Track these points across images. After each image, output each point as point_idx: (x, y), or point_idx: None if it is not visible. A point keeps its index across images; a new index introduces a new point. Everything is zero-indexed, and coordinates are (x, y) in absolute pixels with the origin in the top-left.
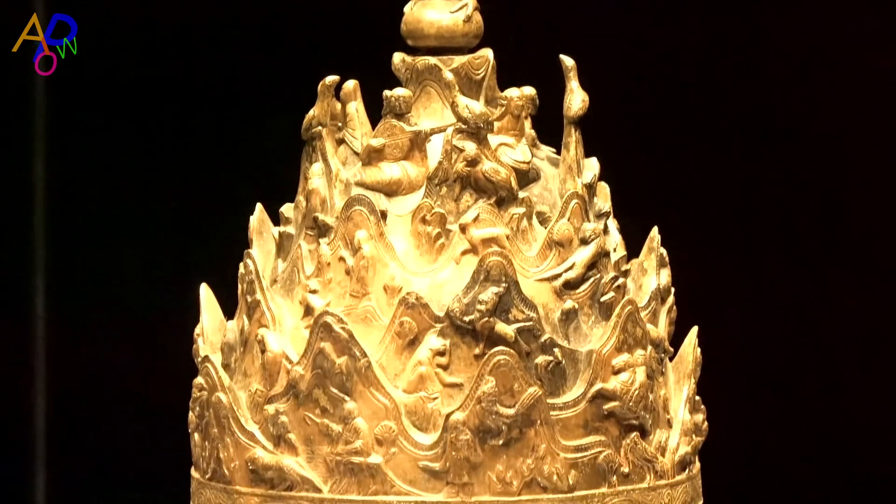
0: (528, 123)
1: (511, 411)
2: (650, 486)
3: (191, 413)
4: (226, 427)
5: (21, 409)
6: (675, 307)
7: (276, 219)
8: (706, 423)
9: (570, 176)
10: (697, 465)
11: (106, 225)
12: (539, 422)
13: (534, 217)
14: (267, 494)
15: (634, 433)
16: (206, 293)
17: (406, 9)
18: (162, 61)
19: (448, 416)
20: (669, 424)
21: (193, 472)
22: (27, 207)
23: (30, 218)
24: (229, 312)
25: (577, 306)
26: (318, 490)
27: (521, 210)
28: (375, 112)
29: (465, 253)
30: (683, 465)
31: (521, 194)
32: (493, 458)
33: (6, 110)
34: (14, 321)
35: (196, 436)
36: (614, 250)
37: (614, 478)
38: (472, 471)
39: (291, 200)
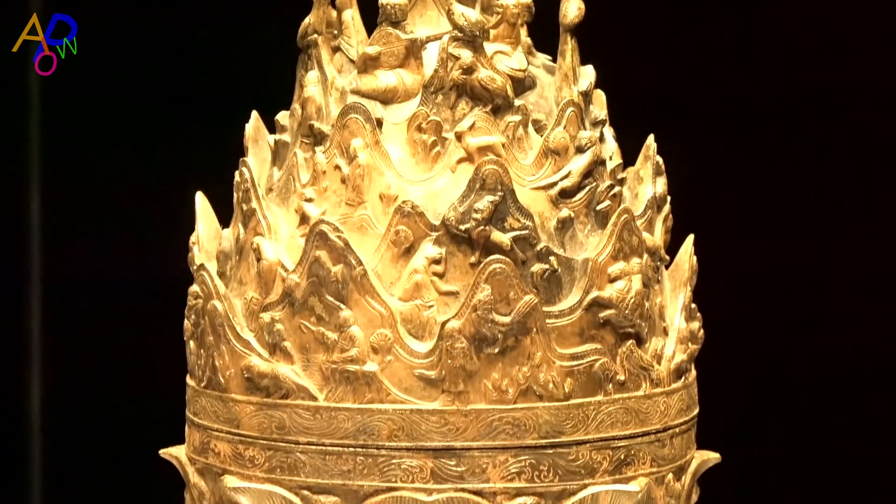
0: (523, 31)
1: (507, 319)
2: (646, 394)
3: (186, 321)
4: (221, 335)
5: (15, 315)
6: (671, 215)
7: (272, 127)
8: (702, 330)
9: (565, 84)
10: (693, 373)
11: (102, 133)
12: (535, 330)
13: (529, 125)
14: (262, 402)
15: (630, 341)
16: (201, 201)
17: None
18: None
19: (444, 324)
20: (665, 332)
21: (189, 380)
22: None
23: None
24: (225, 221)
25: (573, 214)
26: (314, 398)
27: (517, 118)
28: (371, 20)
29: (460, 161)
30: (679, 373)
31: (517, 102)
32: (488, 367)
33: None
34: (9, 230)
35: (191, 343)
36: (610, 158)
37: (610, 386)
38: (467, 379)
39: (287, 108)
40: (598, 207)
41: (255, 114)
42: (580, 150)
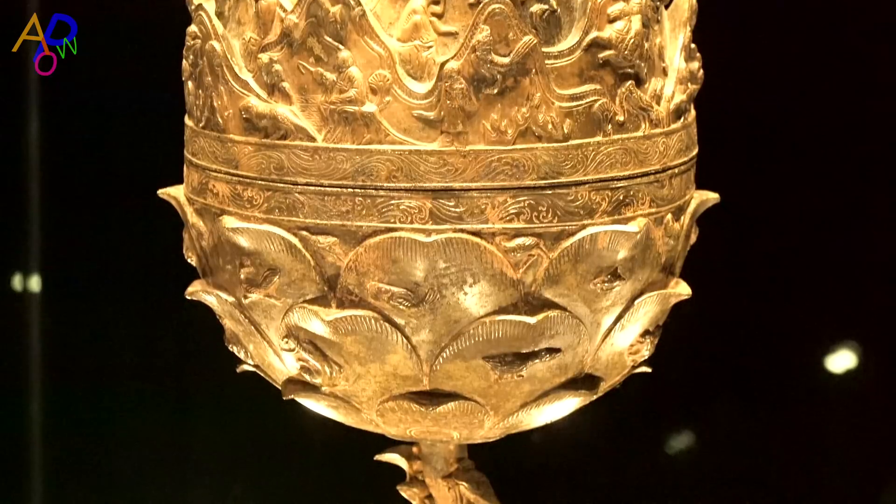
0: None
1: (506, 60)
2: (645, 134)
3: (184, 61)
4: (219, 75)
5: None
6: None
7: None
8: (701, 71)
9: None
10: (692, 113)
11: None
12: (534, 70)
13: None
14: (261, 143)
15: (629, 82)
16: None
17: None
18: None
19: (442, 64)
20: (665, 73)
21: (187, 121)
22: None
23: None
24: None
25: None
26: (312, 139)
27: None
28: None
29: None
30: (678, 113)
31: None
32: (487, 107)
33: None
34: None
35: (189, 84)
36: None
37: (609, 127)
38: (466, 120)
39: None
40: None
41: None
42: None
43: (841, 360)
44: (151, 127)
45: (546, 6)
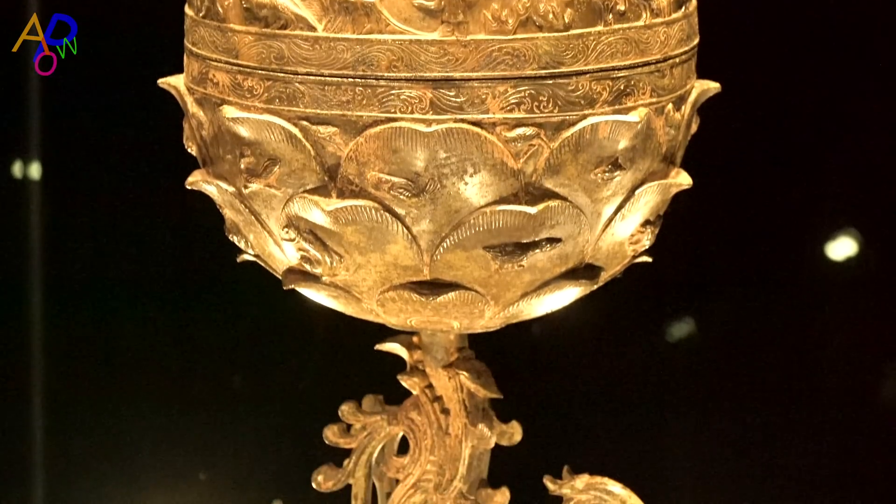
0: None
1: None
2: (646, 24)
3: None
4: None
5: None
6: None
7: None
8: None
9: None
10: (693, 2)
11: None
12: None
13: None
14: (261, 33)
15: None
16: None
17: None
18: None
19: None
20: None
21: (187, 9)
22: None
23: None
24: None
25: None
26: (313, 28)
27: None
28: None
29: None
30: (679, 2)
31: None
32: None
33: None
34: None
35: None
36: None
37: (610, 16)
38: (466, 9)
39: None
40: None
41: None
42: None
43: (841, 248)
44: (152, 15)
45: None
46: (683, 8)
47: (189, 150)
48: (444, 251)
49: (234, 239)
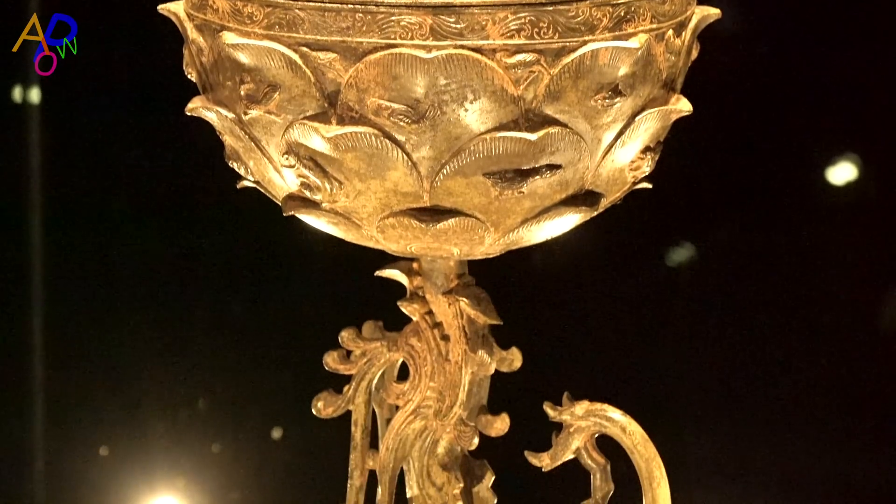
0: None
1: None
2: None
3: None
4: None
5: None
6: None
7: None
8: None
9: None
10: None
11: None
12: None
13: None
14: None
15: None
16: None
17: None
18: None
19: None
20: None
21: None
22: None
23: None
24: None
25: None
26: None
27: None
28: None
29: None
30: None
31: None
32: None
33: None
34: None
35: None
36: None
37: None
38: None
39: None
40: None
41: None
42: None
43: (841, 173)
44: None
45: None
46: None
47: (189, 77)
48: (444, 178)
49: (234, 165)
